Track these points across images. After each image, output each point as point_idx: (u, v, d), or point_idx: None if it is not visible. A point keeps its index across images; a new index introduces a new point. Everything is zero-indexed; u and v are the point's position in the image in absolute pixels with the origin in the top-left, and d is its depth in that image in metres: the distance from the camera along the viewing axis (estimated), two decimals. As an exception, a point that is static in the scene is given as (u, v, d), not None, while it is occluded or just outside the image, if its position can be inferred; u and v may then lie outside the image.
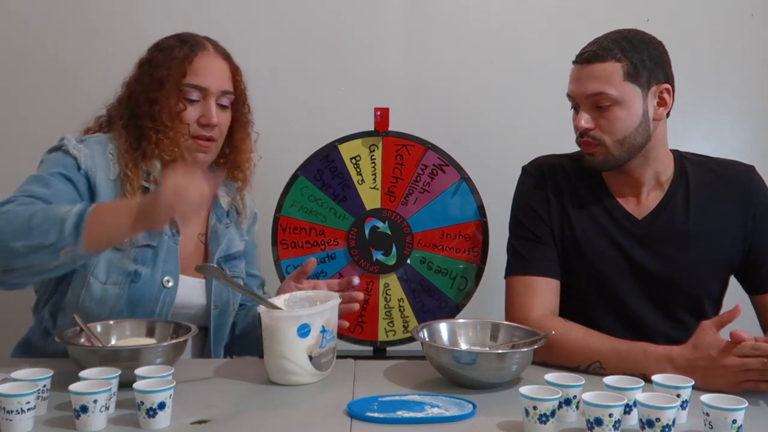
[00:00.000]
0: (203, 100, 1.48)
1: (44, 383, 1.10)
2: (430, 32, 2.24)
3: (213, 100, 1.49)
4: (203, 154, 1.50)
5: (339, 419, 1.12)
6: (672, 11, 2.23)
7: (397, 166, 1.75)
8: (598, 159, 1.46)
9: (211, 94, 1.48)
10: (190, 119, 1.47)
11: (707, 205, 1.49)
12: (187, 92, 1.47)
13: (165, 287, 1.45)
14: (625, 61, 1.41)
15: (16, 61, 2.14)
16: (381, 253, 1.74)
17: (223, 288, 1.54)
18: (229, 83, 1.53)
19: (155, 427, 1.06)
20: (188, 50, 1.49)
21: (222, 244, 1.57)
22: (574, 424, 1.11)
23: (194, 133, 1.48)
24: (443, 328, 1.40)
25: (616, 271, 1.49)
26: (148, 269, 1.44)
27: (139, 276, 1.43)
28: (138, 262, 1.43)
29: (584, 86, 1.43)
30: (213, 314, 1.53)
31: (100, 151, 1.45)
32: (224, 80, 1.51)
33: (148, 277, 1.43)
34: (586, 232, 1.51)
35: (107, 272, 1.41)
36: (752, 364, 1.20)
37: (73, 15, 2.14)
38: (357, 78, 2.22)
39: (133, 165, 1.45)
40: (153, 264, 1.44)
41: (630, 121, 1.42)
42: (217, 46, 1.54)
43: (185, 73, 1.47)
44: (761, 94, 2.31)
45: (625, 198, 1.51)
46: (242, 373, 1.37)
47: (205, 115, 1.48)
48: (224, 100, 1.51)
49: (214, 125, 1.48)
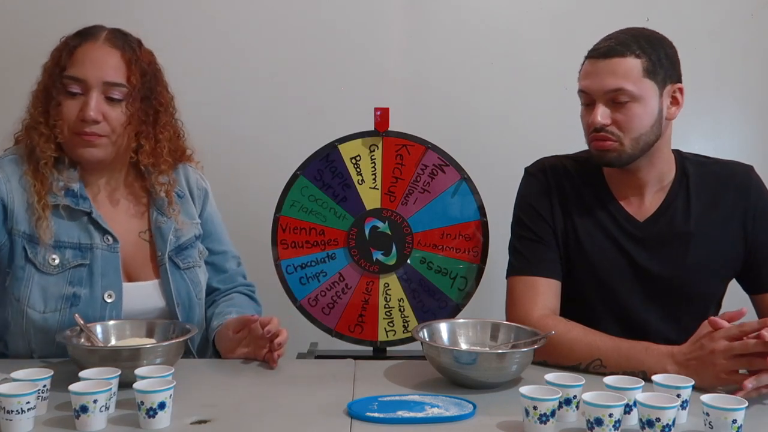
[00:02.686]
0: (85, 94, 1.37)
1: (44, 383, 1.10)
2: (430, 32, 2.24)
3: (95, 93, 1.37)
4: (89, 149, 1.39)
5: (339, 419, 1.12)
6: (672, 11, 2.23)
7: (397, 166, 1.75)
8: (611, 155, 1.43)
9: (92, 86, 1.37)
10: (68, 114, 1.37)
11: (707, 206, 1.49)
12: (67, 84, 1.37)
13: (107, 302, 1.39)
14: (644, 57, 1.39)
15: (15, 62, 2.14)
16: (381, 253, 1.74)
17: (180, 283, 1.48)
18: (119, 74, 1.39)
19: (155, 427, 1.06)
20: (74, 41, 1.40)
21: (170, 238, 1.48)
22: (574, 424, 1.11)
23: (75, 129, 1.38)
24: (443, 328, 1.40)
25: (618, 273, 1.49)
26: (86, 289, 1.38)
27: (78, 298, 1.37)
28: (74, 284, 1.38)
29: (603, 81, 1.40)
30: (178, 311, 1.46)
31: (14, 171, 1.39)
32: (109, 71, 1.38)
33: (88, 297, 1.38)
34: (588, 233, 1.51)
35: (44, 301, 1.36)
36: (738, 348, 1.20)
37: (72, 15, 2.14)
38: (357, 78, 2.22)
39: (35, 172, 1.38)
40: (90, 283, 1.39)
41: (646, 118, 1.41)
42: (114, 36, 1.42)
43: (65, 65, 1.38)
44: (761, 94, 2.31)
45: (627, 200, 1.51)
46: (242, 373, 1.37)
47: (83, 109, 1.37)
48: (114, 92, 1.38)
49: (90, 120, 1.36)
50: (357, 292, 1.74)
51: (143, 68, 1.43)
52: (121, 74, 1.40)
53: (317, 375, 1.35)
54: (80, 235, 1.40)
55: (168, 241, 1.48)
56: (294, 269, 1.74)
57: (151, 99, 1.44)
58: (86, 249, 1.40)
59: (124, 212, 1.49)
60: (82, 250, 1.40)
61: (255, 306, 1.65)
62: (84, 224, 1.41)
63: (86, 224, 1.41)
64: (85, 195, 1.43)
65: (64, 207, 1.39)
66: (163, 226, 1.49)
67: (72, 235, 1.40)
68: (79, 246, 1.40)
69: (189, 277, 1.51)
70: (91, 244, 1.40)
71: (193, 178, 1.60)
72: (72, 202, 1.40)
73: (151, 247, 1.49)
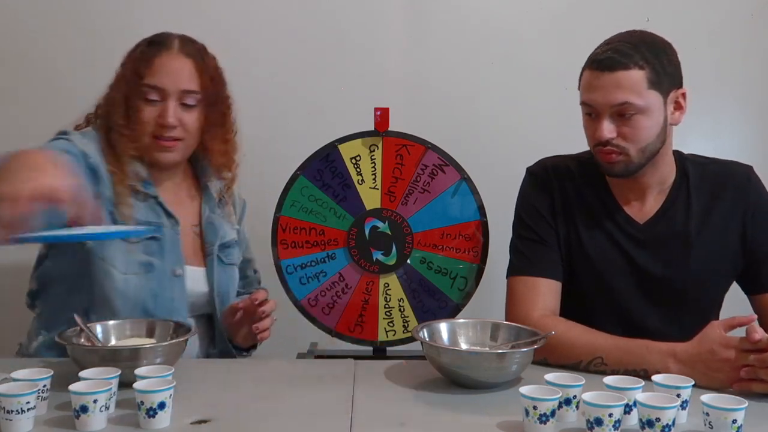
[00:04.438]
0: (163, 101, 1.48)
1: (44, 383, 1.10)
2: (430, 32, 2.24)
3: (172, 100, 1.48)
4: (166, 153, 1.51)
5: (339, 419, 1.12)
6: (672, 11, 2.23)
7: (397, 166, 1.75)
8: (619, 167, 1.42)
9: (170, 94, 1.48)
10: (148, 119, 1.48)
11: (707, 207, 1.49)
12: (146, 92, 1.48)
13: (176, 276, 1.50)
14: (647, 68, 1.36)
15: (16, 61, 2.14)
16: (381, 253, 1.74)
17: (222, 275, 1.59)
18: (193, 82, 1.50)
19: (155, 427, 1.06)
20: (151, 51, 1.50)
21: (219, 234, 1.60)
22: (574, 424, 1.11)
23: (155, 133, 1.49)
24: (443, 328, 1.40)
25: (619, 274, 1.49)
26: (158, 260, 1.48)
27: (153, 266, 1.47)
28: (148, 253, 1.47)
29: (608, 96, 1.37)
30: (216, 301, 1.57)
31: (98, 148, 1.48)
32: (185, 80, 1.50)
33: (160, 267, 1.48)
34: (589, 234, 1.50)
35: (125, 263, 1.45)
36: (755, 363, 1.20)
37: (71, 15, 2.14)
38: (357, 78, 2.22)
39: (114, 161, 1.48)
40: (161, 255, 1.49)
41: (653, 129, 1.40)
42: (185, 45, 1.52)
43: (143, 74, 1.48)
44: (761, 94, 2.31)
45: (628, 202, 1.51)
46: (242, 373, 1.37)
47: (161, 115, 1.48)
48: (189, 99, 1.50)
49: (169, 126, 1.48)
50: (357, 292, 1.74)
51: (212, 74, 1.54)
52: (194, 82, 1.51)
53: (317, 375, 1.35)
54: (149, 214, 1.51)
55: (218, 235, 1.60)
56: (294, 269, 1.74)
57: (219, 102, 1.57)
58: (157, 227, 1.50)
59: (181, 203, 1.60)
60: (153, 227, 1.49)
61: None
62: (152, 206, 1.52)
63: (154, 206, 1.52)
64: (150, 182, 1.53)
65: (135, 190, 1.50)
66: (215, 222, 1.61)
67: (143, 214, 1.50)
68: (150, 223, 1.50)
69: (230, 272, 1.63)
70: (160, 222, 1.51)
71: (236, 190, 1.71)
72: (142, 186, 1.51)
73: (201, 240, 1.60)
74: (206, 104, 1.53)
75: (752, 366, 1.20)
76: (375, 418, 1.13)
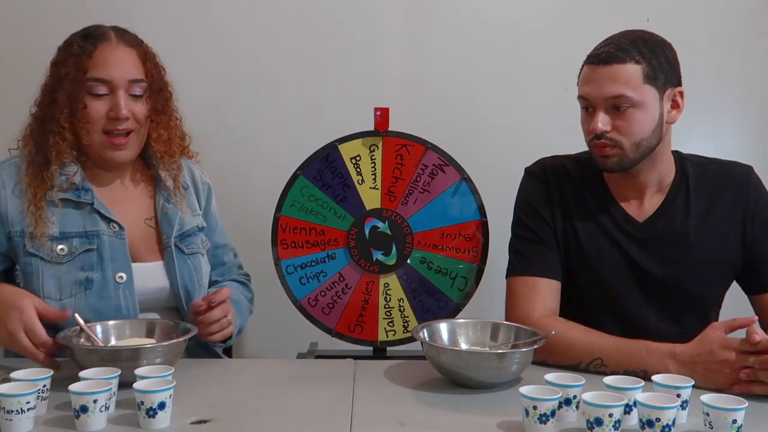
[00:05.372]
0: (112, 93, 1.42)
1: (44, 383, 1.10)
2: (430, 32, 2.25)
3: (122, 92, 1.42)
4: (120, 152, 1.45)
5: (339, 419, 1.12)
6: (672, 11, 2.23)
7: (397, 166, 1.75)
8: (613, 161, 1.43)
9: (118, 85, 1.42)
10: (97, 115, 1.42)
11: (707, 207, 1.49)
12: (92, 87, 1.42)
13: (119, 283, 1.44)
14: (644, 63, 1.38)
15: (15, 62, 2.14)
16: (381, 253, 1.74)
17: (183, 266, 1.52)
18: (139, 71, 1.45)
19: (155, 427, 1.06)
20: (88, 44, 1.44)
21: (175, 224, 1.53)
22: (574, 424, 1.11)
23: (105, 128, 1.43)
24: (443, 328, 1.40)
25: (618, 273, 1.49)
26: (98, 273, 1.43)
27: (92, 282, 1.42)
28: (86, 269, 1.42)
29: (603, 88, 1.39)
30: (181, 293, 1.50)
31: (11, 176, 1.44)
32: (131, 69, 1.44)
33: (100, 280, 1.42)
34: (588, 234, 1.51)
35: (59, 288, 1.40)
36: (755, 364, 1.20)
37: (72, 15, 2.14)
38: (357, 78, 2.22)
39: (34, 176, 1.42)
40: (101, 266, 1.43)
41: (647, 123, 1.40)
42: (122, 35, 1.47)
43: (86, 68, 1.42)
44: (761, 94, 2.31)
45: (627, 201, 1.51)
46: (242, 373, 1.37)
47: (113, 108, 1.42)
48: (136, 89, 1.45)
49: (122, 118, 1.42)
50: (357, 292, 1.74)
51: (153, 61, 1.50)
52: (140, 71, 1.46)
53: (317, 375, 1.35)
54: (86, 223, 1.45)
55: (174, 227, 1.53)
56: (294, 269, 1.74)
57: (162, 89, 1.52)
58: (93, 236, 1.44)
59: (131, 200, 1.54)
60: (89, 237, 1.44)
61: (246, 292, 1.67)
62: (88, 213, 1.46)
63: (91, 213, 1.46)
64: (87, 187, 1.47)
65: (66, 201, 1.44)
66: (170, 213, 1.54)
67: (78, 224, 1.44)
68: (86, 234, 1.44)
69: (192, 262, 1.55)
70: (97, 230, 1.45)
71: (197, 174, 1.65)
72: (74, 195, 1.44)
73: (157, 232, 1.54)
74: (151, 92, 1.48)
75: (752, 368, 1.20)
76: (375, 418, 1.13)
